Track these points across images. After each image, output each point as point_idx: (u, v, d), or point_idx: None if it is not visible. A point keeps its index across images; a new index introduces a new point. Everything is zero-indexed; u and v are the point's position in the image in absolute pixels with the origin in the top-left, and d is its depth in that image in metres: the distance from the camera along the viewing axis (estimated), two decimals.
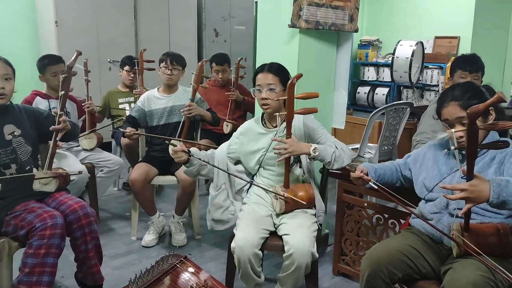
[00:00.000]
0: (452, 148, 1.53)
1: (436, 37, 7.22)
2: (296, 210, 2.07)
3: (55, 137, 2.02)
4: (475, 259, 1.51)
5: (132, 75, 3.69)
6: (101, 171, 3.14)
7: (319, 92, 2.09)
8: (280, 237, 1.99)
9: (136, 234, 2.97)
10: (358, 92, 7.98)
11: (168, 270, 2.01)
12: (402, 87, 7.28)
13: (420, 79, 6.83)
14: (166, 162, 2.91)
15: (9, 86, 1.98)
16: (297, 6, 2.39)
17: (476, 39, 4.45)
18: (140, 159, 3.04)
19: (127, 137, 2.79)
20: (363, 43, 8.01)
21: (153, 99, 2.99)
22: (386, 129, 3.42)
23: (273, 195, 2.07)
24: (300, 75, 1.98)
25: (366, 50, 7.92)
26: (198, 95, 3.04)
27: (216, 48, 5.77)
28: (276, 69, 2.10)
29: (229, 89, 3.66)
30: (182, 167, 2.78)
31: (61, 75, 2.01)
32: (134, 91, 3.60)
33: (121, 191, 3.88)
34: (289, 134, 1.98)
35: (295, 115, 1.98)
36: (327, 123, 2.73)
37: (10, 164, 1.99)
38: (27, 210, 1.91)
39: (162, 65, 2.95)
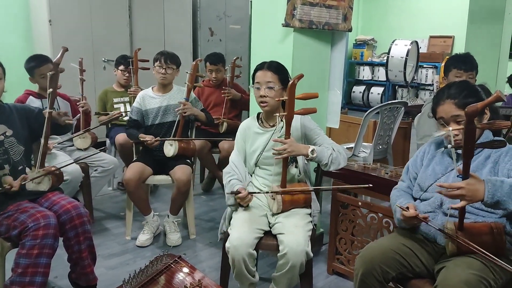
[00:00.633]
0: (449, 146, 1.54)
1: (431, 37, 7.26)
2: (291, 210, 2.07)
3: (46, 135, 2.00)
4: (469, 257, 1.52)
5: (127, 75, 3.67)
6: (95, 170, 3.13)
7: (313, 91, 2.09)
8: (274, 236, 1.99)
9: (131, 234, 2.95)
10: (353, 92, 8.00)
11: (162, 270, 2.00)
12: (397, 86, 7.31)
13: (415, 78, 6.87)
14: (161, 161, 2.90)
15: None
16: (291, 5, 2.39)
17: (470, 38, 4.47)
18: (134, 159, 3.03)
19: (148, 145, 2.80)
20: (358, 43, 8.04)
21: (148, 98, 2.98)
22: (380, 128, 3.42)
23: (269, 195, 2.07)
24: (301, 76, 1.97)
25: (361, 50, 7.95)
26: (192, 95, 3.03)
27: (211, 47, 5.77)
28: (276, 67, 2.10)
29: (224, 89, 3.65)
30: (177, 167, 2.81)
31: (49, 72, 2.00)
32: (129, 90, 3.59)
33: (116, 191, 3.87)
34: (288, 134, 1.98)
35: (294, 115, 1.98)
36: (322, 123, 2.73)
37: (3, 165, 1.98)
38: (19, 210, 1.90)
39: (156, 64, 2.94)
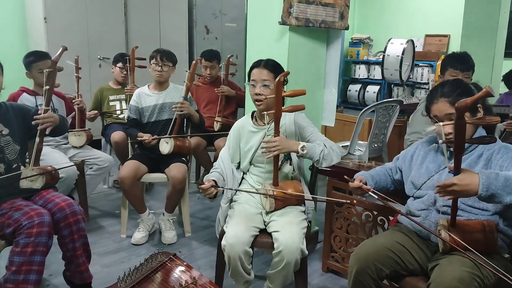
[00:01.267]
0: (440, 142, 1.54)
1: (427, 35, 7.28)
2: (285, 208, 2.07)
3: (41, 133, 2.00)
4: (461, 255, 1.53)
5: (125, 72, 3.67)
6: (90, 168, 3.12)
7: (308, 90, 2.10)
8: (269, 234, 1.99)
9: (126, 232, 2.95)
10: (349, 90, 8.01)
11: (158, 268, 2.00)
12: (392, 85, 7.33)
13: (411, 77, 6.89)
14: (156, 159, 2.90)
15: None
16: (287, 4, 2.39)
17: (465, 37, 4.49)
18: (129, 157, 3.02)
19: (145, 144, 2.80)
20: (354, 41, 8.05)
21: (144, 96, 2.97)
22: (376, 127, 3.43)
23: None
24: (287, 73, 1.98)
25: (357, 48, 7.96)
26: (189, 94, 3.03)
27: (207, 45, 5.75)
28: (272, 66, 2.10)
29: (219, 86, 3.65)
30: (172, 165, 2.81)
31: (46, 70, 1.99)
32: (125, 88, 3.58)
33: (111, 189, 3.86)
34: (277, 132, 1.98)
35: (286, 113, 1.98)
36: (317, 121, 2.74)
37: None
38: (13, 208, 1.89)
39: (152, 62, 2.94)
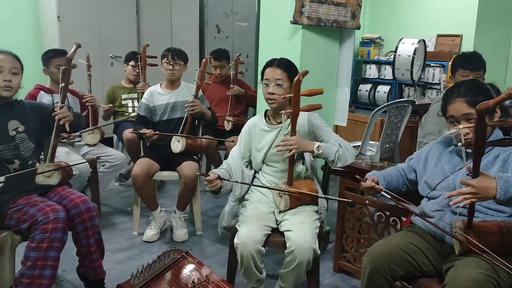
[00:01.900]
0: (459, 145, 1.53)
1: (439, 35, 7.21)
2: (298, 207, 2.07)
3: (57, 129, 2.02)
4: (477, 257, 1.51)
5: (137, 70, 3.69)
6: (103, 166, 3.14)
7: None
8: (281, 233, 2.00)
9: (138, 229, 2.97)
10: (360, 90, 7.97)
11: (170, 265, 2.02)
12: (403, 85, 7.27)
13: (422, 77, 6.82)
14: (168, 157, 2.91)
15: (16, 80, 1.99)
16: (299, 3, 2.39)
17: (479, 37, 4.44)
18: (142, 154, 3.04)
19: (147, 139, 2.81)
20: (365, 41, 8.00)
21: (156, 94, 2.99)
22: (388, 127, 3.42)
23: (276, 192, 2.07)
24: (306, 72, 1.97)
25: (368, 48, 7.91)
26: (200, 92, 3.04)
27: (218, 44, 5.76)
28: (285, 65, 2.10)
29: (229, 86, 3.66)
30: (184, 163, 2.82)
31: (61, 67, 2.02)
32: (137, 86, 3.60)
33: (123, 186, 3.89)
34: (293, 131, 1.98)
35: (300, 112, 1.98)
36: (329, 120, 2.74)
37: (13, 159, 1.99)
38: (29, 203, 1.91)
39: (164, 60, 2.95)
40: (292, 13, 2.38)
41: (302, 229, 1.92)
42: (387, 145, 3.49)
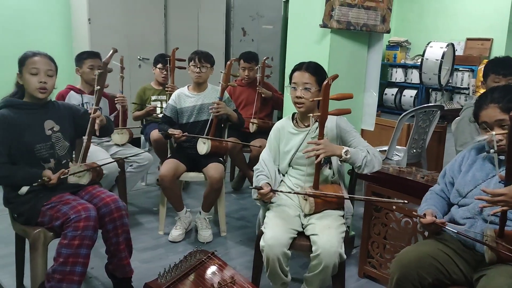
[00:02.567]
0: (491, 151, 1.50)
1: (468, 39, 7.06)
2: (324, 211, 2.06)
3: (90, 131, 2.08)
4: (510, 265, 1.48)
5: (165, 73, 3.75)
6: (130, 166, 3.20)
7: (349, 93, 2.08)
8: (307, 237, 1.99)
9: (164, 229, 3.02)
10: (385, 94, 7.89)
11: (196, 266, 2.04)
12: (430, 90, 7.16)
13: (450, 81, 6.71)
14: (195, 158, 2.94)
15: (51, 81, 2.05)
16: (329, 6, 2.39)
17: (511, 41, 4.33)
18: (169, 155, 3.09)
19: (175, 139, 2.85)
20: (391, 44, 7.92)
21: (184, 97, 3.03)
22: (415, 132, 3.37)
23: (301, 195, 2.07)
24: (336, 76, 1.97)
25: (394, 51, 7.83)
26: (226, 95, 3.06)
27: (243, 47, 5.81)
28: (314, 69, 2.10)
29: (256, 88, 3.68)
30: (210, 164, 2.84)
31: (97, 70, 2.07)
32: (166, 87, 3.66)
33: (149, 186, 3.95)
34: (321, 135, 1.98)
35: (328, 116, 1.98)
36: (356, 125, 2.72)
37: (49, 158, 2.05)
38: (62, 202, 1.97)
39: (191, 63, 2.99)
40: (322, 17, 2.38)
41: (328, 233, 1.92)
42: (414, 150, 3.44)
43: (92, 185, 2.16)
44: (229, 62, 3.02)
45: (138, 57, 5.08)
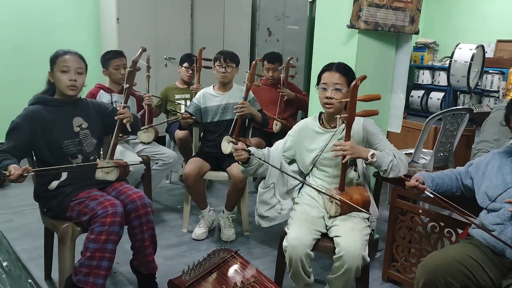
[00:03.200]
0: None
1: (498, 41, 6.89)
2: (348, 213, 2.05)
3: (118, 128, 2.12)
4: None
5: (190, 72, 3.79)
6: (156, 163, 3.25)
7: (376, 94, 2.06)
8: (331, 239, 1.98)
9: (187, 227, 3.05)
10: (412, 96, 7.76)
11: (219, 264, 2.06)
12: (458, 92, 7.01)
13: (479, 84, 6.55)
14: (219, 158, 2.96)
15: (80, 79, 2.10)
16: (357, 7, 2.37)
17: None
18: (193, 154, 3.12)
19: (182, 120, 2.88)
20: (418, 46, 7.78)
21: (209, 96, 3.05)
22: (443, 135, 3.30)
23: (326, 197, 2.06)
24: (364, 77, 1.95)
25: (421, 53, 7.70)
26: (251, 94, 3.07)
27: (268, 48, 5.81)
28: (344, 69, 2.09)
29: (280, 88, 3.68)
30: (234, 164, 2.86)
31: (127, 69, 2.11)
32: (191, 87, 3.70)
33: (174, 184, 4.00)
34: (348, 136, 1.96)
35: (355, 117, 1.96)
36: (383, 127, 2.69)
37: (77, 154, 2.10)
38: (90, 197, 2.01)
39: (216, 63, 3.01)
40: (349, 18, 2.36)
41: (352, 236, 1.90)
42: (441, 154, 3.37)
43: (119, 181, 2.20)
44: (254, 62, 3.02)
45: (164, 57, 5.15)
